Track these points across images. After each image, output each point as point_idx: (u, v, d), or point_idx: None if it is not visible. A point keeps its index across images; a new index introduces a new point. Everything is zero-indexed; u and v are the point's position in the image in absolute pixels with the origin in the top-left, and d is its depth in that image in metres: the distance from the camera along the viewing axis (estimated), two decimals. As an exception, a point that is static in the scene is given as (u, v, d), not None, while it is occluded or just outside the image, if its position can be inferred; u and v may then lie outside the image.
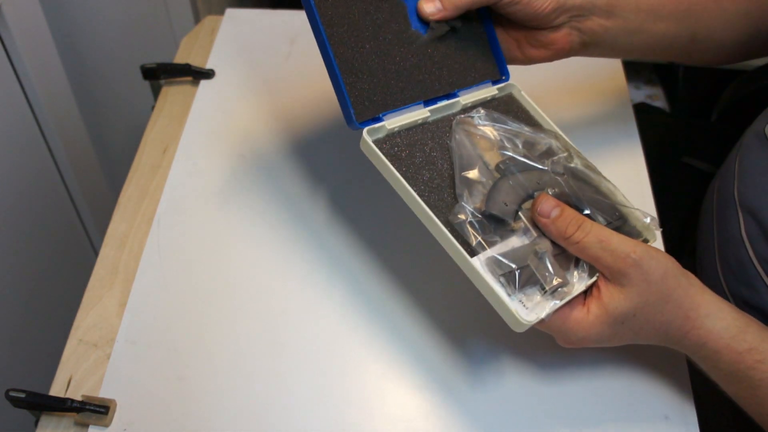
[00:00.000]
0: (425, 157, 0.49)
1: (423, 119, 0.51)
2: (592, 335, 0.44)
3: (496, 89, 0.56)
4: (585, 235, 0.44)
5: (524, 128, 0.52)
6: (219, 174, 0.65)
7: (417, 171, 0.48)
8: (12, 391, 0.48)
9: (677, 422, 0.50)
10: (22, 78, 0.81)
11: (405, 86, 0.51)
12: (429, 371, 0.52)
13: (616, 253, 0.43)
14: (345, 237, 0.60)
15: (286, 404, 0.50)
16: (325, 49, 0.48)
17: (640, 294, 0.43)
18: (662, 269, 0.43)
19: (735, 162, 0.63)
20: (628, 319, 0.44)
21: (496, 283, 0.44)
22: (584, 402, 0.51)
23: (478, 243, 0.45)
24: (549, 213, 0.45)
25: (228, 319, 0.55)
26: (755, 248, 0.58)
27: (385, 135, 0.49)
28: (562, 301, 0.44)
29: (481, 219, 0.45)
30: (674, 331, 0.45)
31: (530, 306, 0.44)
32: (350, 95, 0.48)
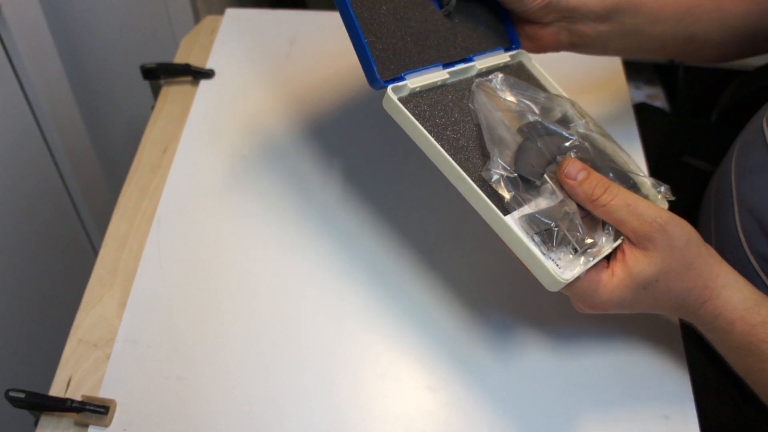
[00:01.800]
0: (448, 118, 0.49)
1: (442, 81, 0.51)
2: (615, 299, 0.44)
3: (509, 56, 0.56)
4: (612, 198, 0.44)
5: (540, 94, 0.52)
6: (219, 174, 0.65)
7: (441, 130, 0.48)
8: (12, 391, 0.48)
9: (677, 422, 0.50)
10: (22, 78, 0.81)
11: (423, 48, 0.51)
12: (429, 371, 0.52)
13: (643, 217, 0.43)
14: (346, 237, 0.60)
15: (287, 404, 0.50)
16: (346, 8, 0.48)
17: (664, 259, 0.43)
18: (686, 236, 0.44)
19: (733, 159, 0.63)
20: (650, 284, 0.44)
21: (531, 241, 0.43)
22: (584, 402, 0.51)
23: (513, 198, 0.44)
24: (576, 175, 0.45)
25: (228, 319, 0.55)
26: (752, 245, 0.58)
27: (408, 94, 0.49)
28: (594, 259, 0.44)
29: (515, 177, 0.45)
30: (692, 299, 0.45)
31: (563, 265, 0.43)
32: (373, 53, 0.48)
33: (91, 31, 0.97)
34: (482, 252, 0.59)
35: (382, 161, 0.66)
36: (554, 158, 0.48)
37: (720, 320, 0.45)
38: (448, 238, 0.60)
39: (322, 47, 0.78)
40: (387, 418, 0.50)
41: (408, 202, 0.63)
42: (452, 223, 0.61)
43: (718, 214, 0.65)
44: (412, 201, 0.63)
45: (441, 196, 0.63)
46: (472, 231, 0.60)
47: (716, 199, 0.66)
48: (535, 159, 0.47)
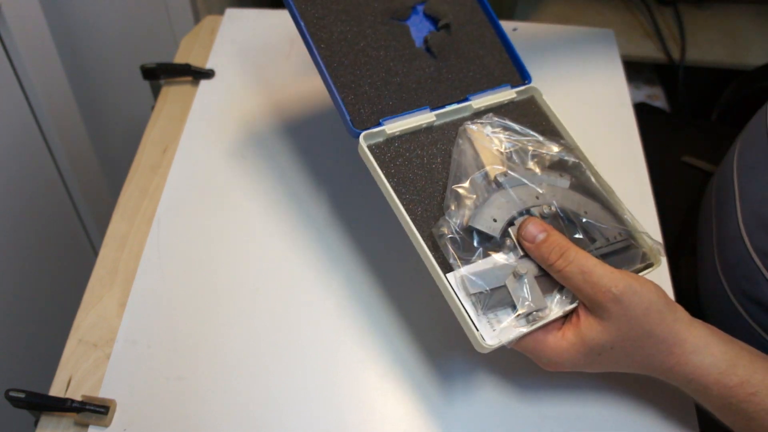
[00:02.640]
0: (424, 164, 0.48)
1: (428, 123, 0.50)
2: (566, 361, 0.44)
3: (515, 92, 0.55)
4: (567, 264, 0.43)
5: (537, 137, 0.51)
6: (219, 174, 0.65)
7: (412, 178, 0.47)
8: (12, 391, 0.48)
9: (677, 422, 0.50)
10: (22, 78, 0.81)
11: (407, 92, 0.51)
12: (429, 371, 0.52)
13: (597, 286, 0.42)
14: (346, 237, 0.60)
15: (286, 404, 0.50)
16: (319, 65, 0.48)
17: (619, 329, 0.42)
18: (645, 305, 0.42)
19: (734, 157, 0.63)
20: (605, 350, 0.43)
21: (468, 301, 0.43)
22: (584, 401, 0.51)
23: (454, 260, 0.44)
24: (534, 237, 0.45)
25: (228, 319, 0.55)
26: (754, 242, 0.58)
27: (385, 139, 0.48)
28: (531, 327, 0.43)
29: (463, 236, 0.45)
30: (657, 364, 0.44)
31: (499, 328, 0.43)
32: (346, 105, 0.48)
33: (91, 31, 0.97)
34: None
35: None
36: (528, 210, 0.47)
37: (694, 384, 0.43)
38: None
39: (322, 47, 0.77)
40: (387, 419, 0.50)
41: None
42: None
43: (719, 212, 0.65)
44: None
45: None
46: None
47: (717, 197, 0.66)
48: (498, 212, 0.46)
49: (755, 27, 1.26)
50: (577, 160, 0.51)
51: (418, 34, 0.53)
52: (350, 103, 0.48)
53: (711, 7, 1.30)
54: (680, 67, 1.21)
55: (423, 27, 0.53)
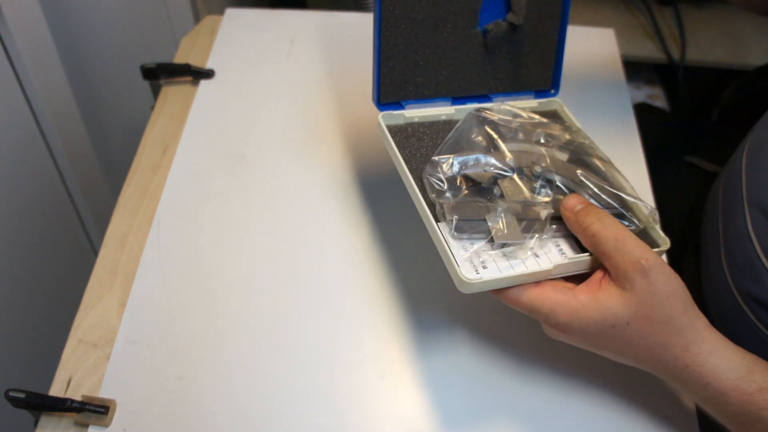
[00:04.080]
0: (436, 145, 0.50)
1: (447, 116, 0.51)
2: (575, 324, 0.42)
3: (537, 102, 0.55)
4: (602, 229, 0.42)
5: (542, 120, 0.51)
6: (219, 174, 0.65)
7: (424, 153, 0.49)
8: (12, 391, 0.48)
9: (677, 422, 0.50)
10: (22, 78, 0.81)
11: (439, 80, 0.51)
12: (430, 371, 0.52)
13: (629, 254, 0.41)
14: (346, 236, 0.60)
15: (286, 404, 0.50)
16: (376, 27, 0.48)
17: (640, 304, 0.41)
18: (671, 288, 0.41)
19: (743, 158, 0.63)
20: (619, 324, 0.41)
21: (453, 244, 0.43)
22: (584, 401, 0.51)
23: (438, 192, 0.45)
24: (574, 206, 0.45)
25: (228, 319, 0.55)
26: (762, 243, 0.58)
27: (404, 122, 0.50)
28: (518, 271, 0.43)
29: (455, 177, 0.46)
30: (670, 359, 0.42)
31: (483, 272, 0.42)
32: (381, 78, 0.49)
33: (91, 32, 0.97)
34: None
35: (383, 160, 0.66)
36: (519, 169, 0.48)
37: (710, 389, 0.41)
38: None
39: (322, 47, 0.78)
40: (387, 418, 0.50)
41: (409, 202, 0.63)
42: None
43: (726, 213, 0.65)
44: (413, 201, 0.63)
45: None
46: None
47: (724, 197, 0.66)
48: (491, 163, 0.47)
49: (755, 27, 1.26)
50: (581, 141, 0.51)
51: (487, 14, 0.52)
52: (385, 77, 0.49)
53: (711, 7, 1.30)
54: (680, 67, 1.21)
55: (495, 8, 0.52)
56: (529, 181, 0.47)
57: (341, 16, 0.82)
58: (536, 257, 0.44)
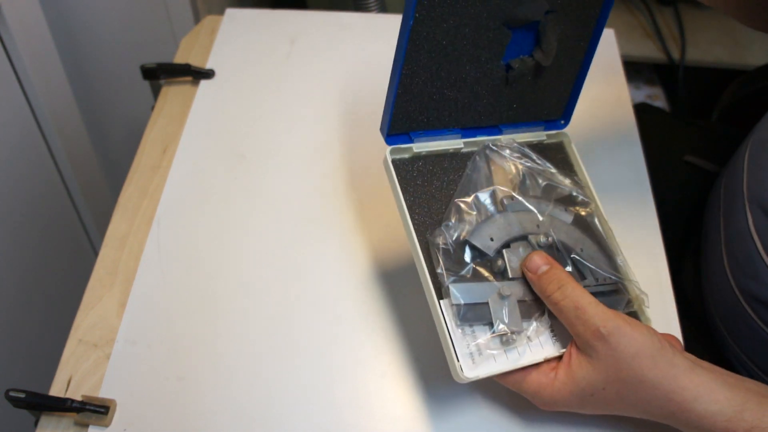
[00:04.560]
0: (442, 188, 0.49)
1: (455, 149, 0.51)
2: (559, 401, 0.44)
3: (546, 135, 0.54)
4: (563, 298, 0.44)
5: (551, 169, 0.51)
6: (219, 174, 0.65)
7: (427, 199, 0.48)
8: (12, 391, 0.48)
9: (677, 422, 0.50)
10: (22, 78, 0.81)
11: (451, 110, 0.50)
12: (430, 370, 0.52)
13: (588, 324, 0.42)
14: (346, 236, 0.60)
15: (286, 404, 0.50)
16: (399, 59, 0.45)
17: (608, 369, 0.42)
18: (634, 348, 0.41)
19: (744, 158, 0.63)
20: (597, 391, 0.43)
21: (455, 331, 0.44)
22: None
23: (442, 271, 0.45)
24: (537, 268, 0.45)
25: (228, 319, 0.55)
26: (763, 241, 0.58)
27: (411, 156, 0.49)
28: (512, 366, 0.44)
29: (456, 249, 0.46)
30: (656, 410, 0.43)
31: (479, 361, 0.44)
32: (395, 109, 0.47)
33: (91, 31, 0.97)
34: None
35: (382, 161, 0.66)
36: (524, 236, 0.48)
37: (702, 430, 0.42)
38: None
39: (322, 47, 0.78)
40: (387, 418, 0.50)
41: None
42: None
43: (727, 212, 0.65)
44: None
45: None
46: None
47: (725, 196, 0.66)
48: (497, 232, 0.47)
49: (755, 27, 1.26)
50: (586, 198, 0.52)
51: (514, 48, 0.49)
52: (400, 107, 0.47)
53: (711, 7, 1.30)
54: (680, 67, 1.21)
55: (524, 42, 0.49)
56: (533, 249, 0.48)
57: (341, 16, 0.82)
58: (529, 342, 0.45)
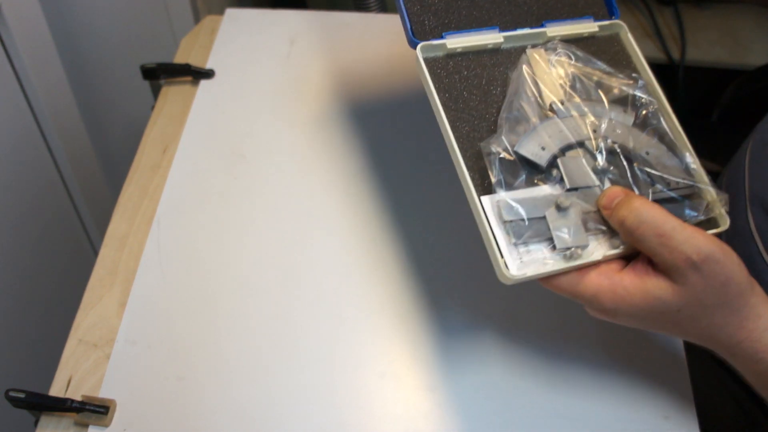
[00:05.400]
0: (482, 85, 0.45)
1: (494, 44, 0.46)
2: (622, 311, 0.40)
3: (597, 26, 0.49)
4: (639, 226, 0.39)
5: (605, 68, 0.47)
6: (219, 174, 0.65)
7: (465, 96, 0.44)
8: (12, 391, 0.48)
9: (677, 422, 0.50)
10: (22, 78, 0.81)
11: (480, 13, 0.46)
12: (430, 370, 0.52)
13: (676, 251, 0.38)
14: (346, 236, 0.60)
15: (286, 404, 0.50)
16: None
17: (693, 295, 0.39)
18: (725, 276, 0.39)
19: (746, 157, 0.63)
20: (669, 312, 0.40)
21: (499, 228, 0.40)
22: (584, 401, 0.51)
23: (497, 181, 0.41)
24: (611, 202, 0.41)
25: (228, 319, 0.55)
26: (764, 241, 0.58)
27: (445, 54, 0.45)
28: (568, 264, 0.39)
29: (513, 159, 0.41)
30: (724, 337, 0.41)
31: (527, 261, 0.39)
32: (409, 14, 0.44)
33: (91, 31, 0.97)
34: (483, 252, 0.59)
35: (383, 161, 0.66)
36: (581, 142, 0.43)
37: (763, 364, 0.41)
38: (450, 238, 0.60)
39: (322, 47, 0.78)
40: (387, 418, 0.50)
41: (409, 203, 0.63)
42: (454, 224, 0.61)
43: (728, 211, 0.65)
44: (414, 202, 0.63)
45: (444, 197, 0.63)
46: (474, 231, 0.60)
47: None
48: (549, 140, 0.42)
49: (755, 27, 1.26)
50: (647, 97, 0.47)
51: None
52: (414, 14, 0.44)
53: (711, 7, 1.30)
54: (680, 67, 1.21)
55: None
56: (591, 157, 0.43)
57: (341, 16, 0.82)
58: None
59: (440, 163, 0.65)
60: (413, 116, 0.70)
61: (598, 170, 0.43)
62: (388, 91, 0.72)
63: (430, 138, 0.67)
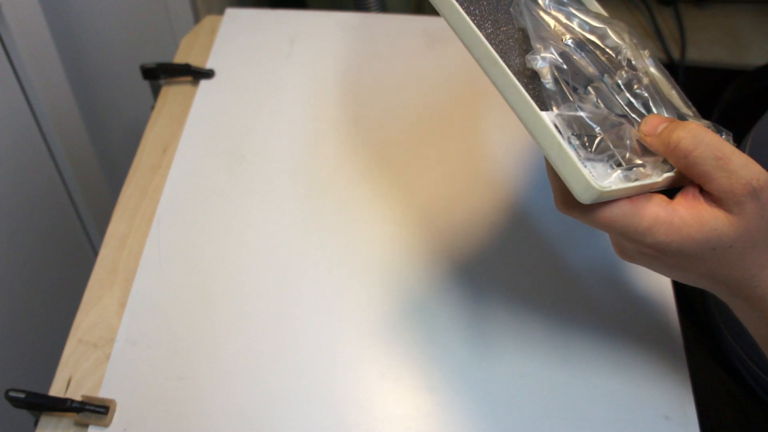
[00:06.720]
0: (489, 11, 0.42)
1: None
2: (674, 243, 0.37)
3: None
4: (697, 146, 0.36)
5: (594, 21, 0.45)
6: (219, 174, 0.65)
7: (481, 20, 0.42)
8: (12, 391, 0.48)
9: (677, 422, 0.50)
10: (22, 78, 0.81)
11: None
12: (430, 371, 0.52)
13: (735, 175, 0.35)
14: (346, 236, 0.60)
15: (286, 404, 0.50)
16: None
17: (748, 228, 0.36)
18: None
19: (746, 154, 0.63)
20: (721, 246, 0.37)
21: (566, 142, 0.36)
22: (584, 402, 0.51)
23: (556, 92, 0.38)
24: (655, 128, 0.38)
25: (228, 319, 0.55)
26: None
27: None
28: (640, 181, 0.37)
29: (564, 67, 0.39)
30: (763, 280, 0.38)
31: (598, 176, 0.36)
32: None
33: (91, 31, 0.97)
34: (483, 252, 0.59)
35: (383, 161, 0.66)
36: (600, 76, 0.41)
37: None
38: (449, 237, 0.60)
39: (322, 47, 0.78)
40: (386, 418, 0.50)
41: (410, 202, 0.63)
42: (454, 223, 0.61)
43: None
44: (415, 201, 0.63)
45: (447, 195, 0.63)
46: (474, 231, 0.60)
47: None
48: (577, 69, 0.40)
49: (755, 27, 1.26)
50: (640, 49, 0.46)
51: None
52: None
53: (711, 7, 1.30)
54: (680, 67, 1.21)
55: None
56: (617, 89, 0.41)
57: (341, 16, 0.82)
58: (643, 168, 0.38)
59: (442, 163, 0.65)
60: (414, 116, 0.70)
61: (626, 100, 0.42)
62: (388, 91, 0.72)
63: (432, 137, 0.67)
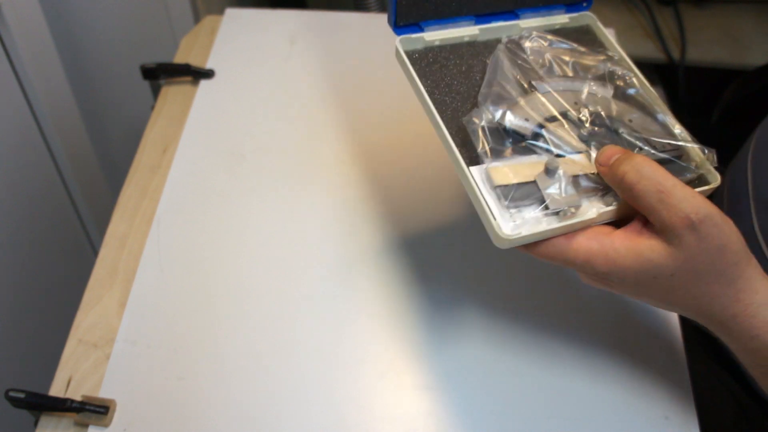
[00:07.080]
0: (462, 72, 0.46)
1: (471, 37, 0.48)
2: (613, 273, 0.39)
3: (568, 17, 0.51)
4: (640, 180, 0.38)
5: (579, 48, 0.48)
6: (219, 174, 0.65)
7: (448, 82, 0.45)
8: (12, 391, 0.48)
9: (677, 422, 0.50)
10: (22, 78, 0.81)
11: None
12: (430, 371, 0.52)
13: (675, 209, 0.37)
14: (346, 235, 0.60)
15: (286, 404, 0.50)
16: None
17: (687, 259, 0.37)
18: (722, 240, 0.37)
19: (748, 156, 0.63)
20: (662, 277, 0.38)
21: (490, 194, 0.40)
22: (584, 402, 0.51)
23: (482, 151, 0.41)
24: (609, 159, 0.40)
25: (228, 319, 0.55)
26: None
27: (424, 47, 0.46)
28: (562, 223, 0.39)
29: (496, 128, 0.42)
30: (718, 309, 0.39)
31: (521, 223, 0.39)
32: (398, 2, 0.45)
33: (91, 31, 0.97)
34: (483, 252, 0.59)
35: (383, 161, 0.66)
36: (563, 113, 0.44)
37: (758, 341, 0.39)
38: (448, 237, 0.60)
39: (322, 47, 0.78)
40: (387, 418, 0.50)
41: (410, 203, 0.63)
42: (454, 223, 0.61)
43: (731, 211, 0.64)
44: (415, 201, 0.63)
45: (445, 197, 0.63)
46: (473, 231, 0.60)
47: (729, 195, 0.66)
48: (532, 113, 0.43)
49: (755, 27, 1.26)
50: (623, 71, 0.47)
51: None
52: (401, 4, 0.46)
53: (711, 7, 1.30)
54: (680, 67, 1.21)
55: None
56: (575, 126, 0.43)
57: (341, 16, 0.82)
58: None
59: (442, 163, 0.65)
60: (414, 115, 0.70)
61: (584, 137, 0.44)
62: (387, 91, 0.72)
63: (432, 137, 0.67)
